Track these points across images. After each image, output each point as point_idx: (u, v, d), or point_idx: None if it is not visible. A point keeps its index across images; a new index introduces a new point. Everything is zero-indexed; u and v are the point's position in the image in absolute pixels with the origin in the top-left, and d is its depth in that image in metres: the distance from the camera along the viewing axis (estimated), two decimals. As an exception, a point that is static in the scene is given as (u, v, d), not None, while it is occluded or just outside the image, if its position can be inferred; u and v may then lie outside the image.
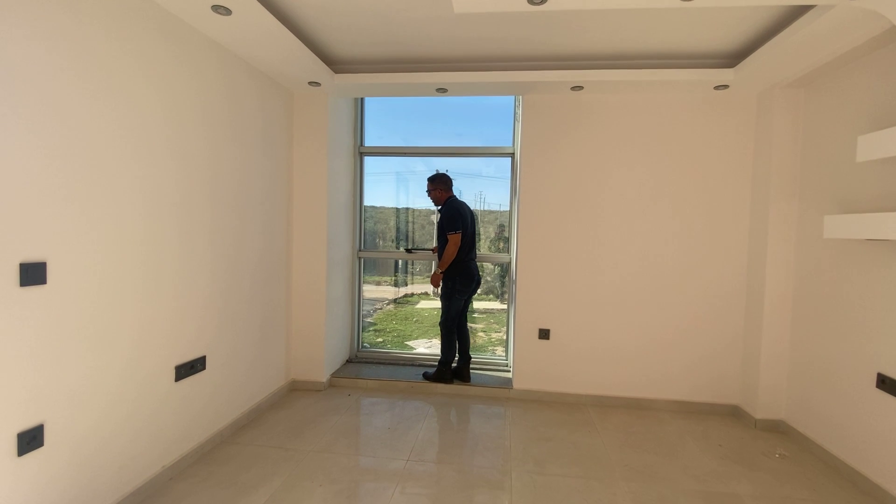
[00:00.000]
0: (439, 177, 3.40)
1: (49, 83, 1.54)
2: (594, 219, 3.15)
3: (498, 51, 2.72)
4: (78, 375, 1.69)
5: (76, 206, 1.65)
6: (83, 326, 1.70)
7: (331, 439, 2.58)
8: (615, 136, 3.11)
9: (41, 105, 1.52)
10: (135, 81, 1.87)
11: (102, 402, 1.79)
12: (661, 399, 3.13)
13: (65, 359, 1.64)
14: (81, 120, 1.65)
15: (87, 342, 1.72)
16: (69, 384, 1.66)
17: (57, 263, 1.59)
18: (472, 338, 4.21)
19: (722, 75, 2.76)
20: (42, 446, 1.57)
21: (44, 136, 1.53)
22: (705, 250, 3.07)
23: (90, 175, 1.69)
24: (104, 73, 1.74)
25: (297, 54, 2.56)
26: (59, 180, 1.59)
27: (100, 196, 1.74)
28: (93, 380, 1.75)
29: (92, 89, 1.69)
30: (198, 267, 2.30)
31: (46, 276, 1.56)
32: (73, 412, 1.67)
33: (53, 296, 1.58)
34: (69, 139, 1.61)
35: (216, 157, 2.41)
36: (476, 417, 2.95)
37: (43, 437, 1.57)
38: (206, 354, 2.39)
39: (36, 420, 1.55)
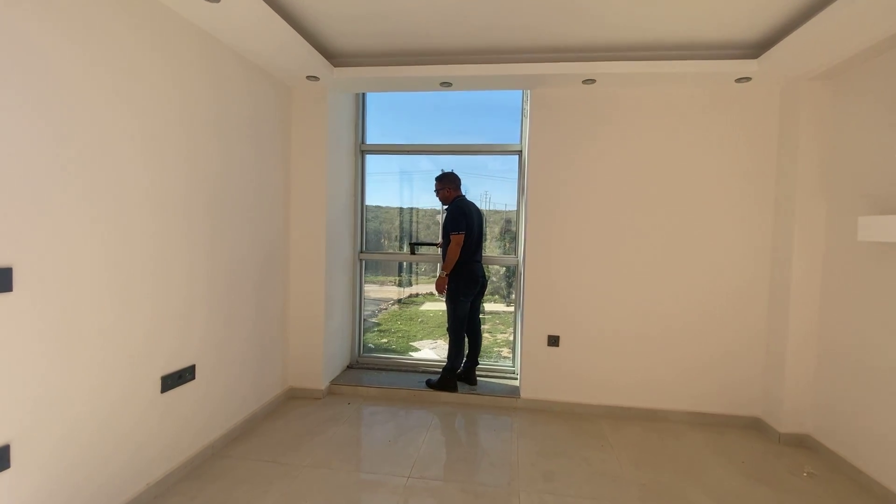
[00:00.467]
0: (447, 176, 3.28)
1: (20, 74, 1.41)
2: (608, 220, 2.98)
3: (505, 41, 2.57)
4: (48, 390, 1.55)
5: (45, 207, 1.52)
6: (54, 337, 1.56)
7: (328, 453, 2.44)
8: (629, 133, 2.95)
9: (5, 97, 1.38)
10: (106, 74, 1.74)
11: (76, 417, 1.66)
12: (677, 410, 2.96)
13: (33, 372, 1.50)
14: (44, 116, 1.52)
15: (59, 354, 1.58)
16: (38, 400, 1.52)
17: (24, 269, 1.46)
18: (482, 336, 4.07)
19: (744, 67, 2.59)
20: (8, 468, 1.44)
21: (4, 133, 1.40)
22: (726, 253, 2.89)
23: (59, 174, 1.56)
24: (64, 64, 1.60)
25: (293, 46, 2.42)
26: (25, 179, 1.45)
27: (73, 196, 1.61)
28: (65, 394, 1.61)
29: (52, 81, 1.56)
30: (184, 271, 2.16)
31: (12, 282, 1.42)
32: (42, 430, 1.54)
33: (20, 304, 1.45)
34: (33, 137, 1.48)
35: (207, 156, 2.27)
36: (482, 429, 2.80)
37: (9, 458, 1.44)
38: (195, 363, 2.26)
39: (1, 440, 1.42)
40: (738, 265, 2.89)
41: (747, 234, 2.87)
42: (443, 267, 3.17)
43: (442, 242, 3.30)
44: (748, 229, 2.87)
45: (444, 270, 3.16)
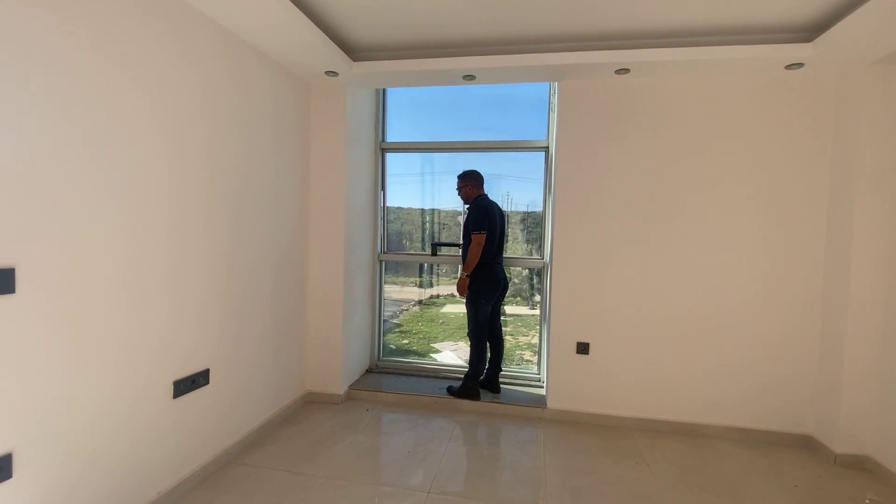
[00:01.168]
0: (469, 173, 3.15)
1: (13, 76, 1.34)
2: (642, 220, 2.78)
3: (531, 30, 2.42)
4: (52, 396, 1.49)
5: (51, 206, 1.45)
6: (59, 340, 1.50)
7: (345, 463, 2.33)
8: (666, 126, 2.74)
9: (4, 99, 1.32)
10: (124, 72, 1.67)
11: (82, 424, 1.59)
12: (719, 425, 2.74)
13: (36, 378, 1.44)
14: (53, 114, 1.45)
15: (64, 358, 1.52)
16: (41, 407, 1.46)
17: (28, 270, 1.39)
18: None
19: (796, 51, 2.36)
20: (10, 478, 1.38)
21: (11, 129, 1.33)
22: (774, 256, 2.66)
23: (67, 171, 1.49)
24: (79, 63, 1.54)
25: (312, 40, 2.33)
26: (31, 177, 1.39)
27: (79, 194, 1.54)
28: (70, 400, 1.54)
29: (63, 79, 1.49)
30: (198, 273, 2.09)
31: (15, 283, 1.36)
32: (47, 438, 1.48)
33: (23, 306, 1.39)
34: (41, 132, 1.41)
35: (224, 155, 2.20)
36: (506, 441, 2.64)
37: (11, 467, 1.38)
38: (209, 367, 2.19)
39: (2, 449, 1.35)
40: (787, 268, 2.65)
41: (797, 236, 2.63)
42: (463, 268, 3.04)
43: (462, 243, 3.16)
44: (798, 230, 2.63)
45: (465, 271, 3.02)
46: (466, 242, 3.04)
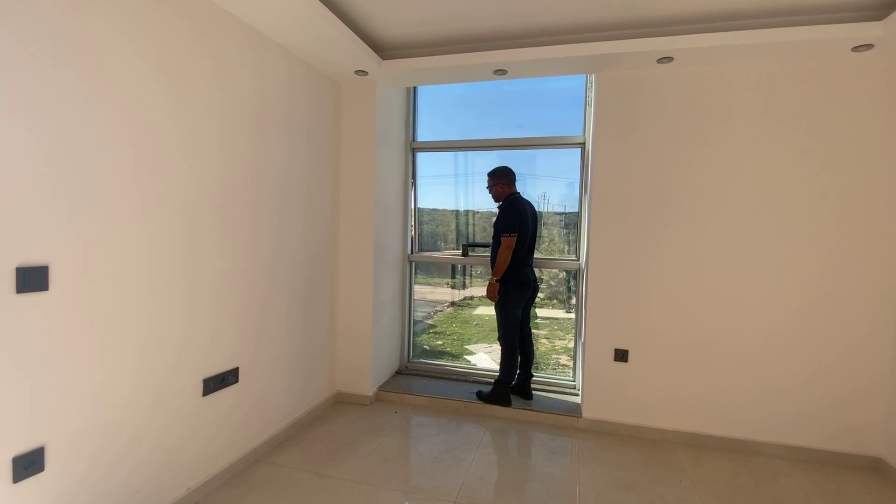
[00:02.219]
0: (500, 170, 3.03)
1: (45, 75, 1.38)
2: (688, 221, 2.59)
3: (565, 19, 2.30)
4: (85, 392, 1.52)
5: (84, 205, 1.48)
6: (91, 337, 1.53)
7: (370, 467, 2.29)
8: (715, 120, 2.54)
9: (39, 98, 1.35)
10: (142, 70, 1.70)
11: (113, 420, 1.62)
12: (773, 443, 2.50)
13: (69, 373, 1.47)
14: (82, 113, 1.48)
15: (96, 355, 1.55)
16: (74, 401, 1.49)
17: (61, 267, 1.43)
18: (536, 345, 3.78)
19: (864, 31, 2.13)
20: (42, 471, 1.41)
21: (46, 129, 1.37)
22: (836, 257, 2.41)
23: (99, 171, 1.52)
24: (104, 61, 1.56)
25: (341, 39, 2.31)
26: (65, 176, 1.42)
27: (110, 193, 1.57)
28: (102, 396, 1.57)
29: (91, 79, 1.52)
30: (230, 271, 2.11)
31: (48, 281, 1.39)
32: (78, 432, 1.51)
33: (56, 303, 1.42)
34: (70, 134, 1.44)
35: (253, 154, 2.21)
36: (538, 450, 2.53)
37: (43, 460, 1.41)
38: (238, 366, 2.20)
39: (35, 442, 1.39)
40: (853, 274, 2.39)
41: (865, 237, 2.36)
42: (493, 272, 2.92)
43: (492, 244, 3.05)
44: (866, 232, 2.36)
45: (495, 276, 2.89)
46: (496, 244, 2.93)
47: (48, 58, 1.37)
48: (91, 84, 1.49)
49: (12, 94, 1.29)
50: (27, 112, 1.32)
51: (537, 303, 4.11)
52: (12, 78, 1.28)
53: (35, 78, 1.34)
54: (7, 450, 1.32)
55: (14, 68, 1.29)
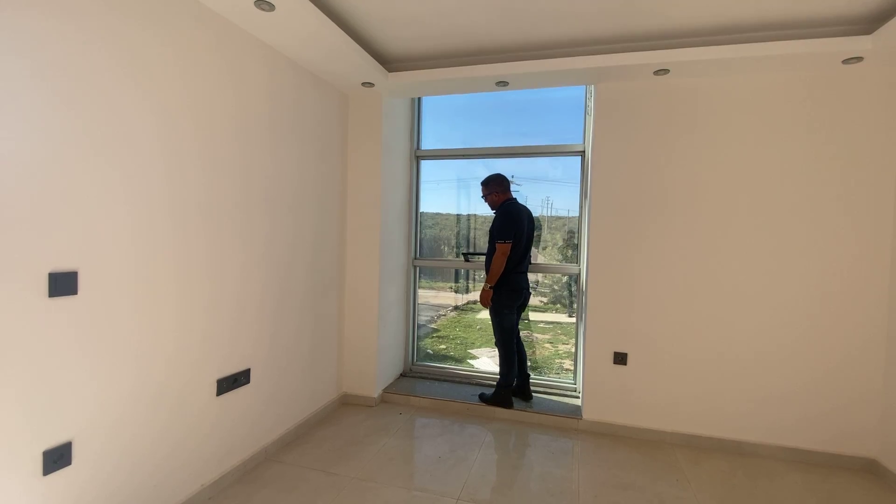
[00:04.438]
0: (493, 179, 3.07)
1: (83, 83, 1.48)
2: (685, 228, 2.67)
3: (566, 33, 2.39)
4: (111, 391, 1.61)
5: (111, 212, 1.58)
6: (116, 339, 1.62)
7: (376, 466, 2.37)
8: (711, 130, 2.62)
9: (70, 105, 1.45)
10: (174, 83, 1.80)
11: (136, 418, 1.71)
12: (769, 444, 2.56)
13: (96, 373, 1.56)
14: (114, 120, 1.58)
15: (121, 355, 1.64)
16: (101, 400, 1.58)
17: (89, 273, 1.52)
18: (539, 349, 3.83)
19: (854, 44, 2.20)
20: (70, 465, 1.50)
21: (76, 138, 1.47)
22: (832, 263, 2.47)
23: (124, 180, 1.62)
24: (143, 75, 1.67)
25: (348, 52, 2.41)
26: (92, 184, 1.52)
27: (138, 201, 1.67)
28: (126, 395, 1.67)
29: (130, 91, 1.62)
30: (246, 276, 2.20)
31: (77, 286, 1.49)
32: (104, 429, 1.60)
33: (84, 307, 1.51)
34: (102, 142, 1.54)
35: (266, 164, 2.31)
36: (539, 451, 2.59)
37: (71, 455, 1.50)
38: (250, 367, 2.29)
39: (64, 437, 1.48)
40: (845, 276, 2.45)
41: (859, 243, 2.43)
42: (486, 279, 2.97)
43: (487, 250, 3.08)
44: (862, 239, 2.43)
45: (489, 282, 2.96)
46: (491, 249, 2.98)
47: (86, 65, 1.47)
48: (126, 94, 1.59)
49: (52, 102, 1.39)
50: (62, 120, 1.42)
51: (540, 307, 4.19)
52: (53, 85, 1.39)
53: (70, 87, 1.44)
54: (38, 444, 1.41)
55: (57, 78, 1.39)
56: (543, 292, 4.39)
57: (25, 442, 1.38)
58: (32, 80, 1.35)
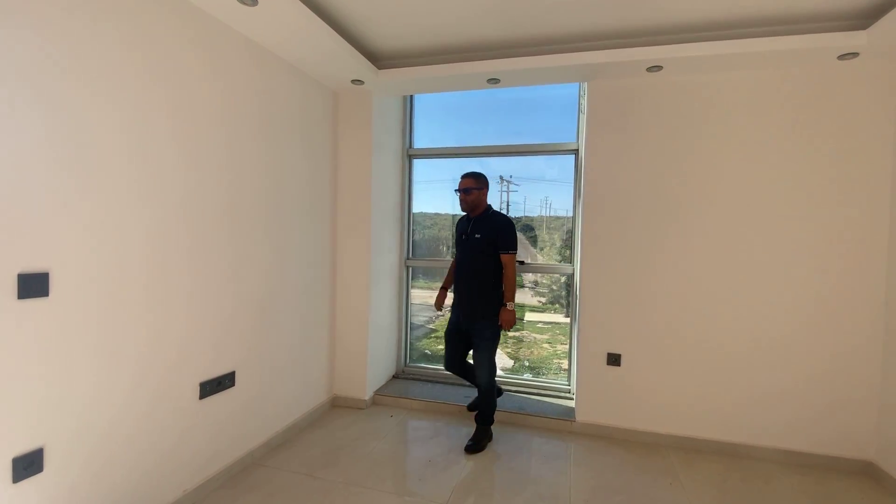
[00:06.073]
0: (482, 176, 2.62)
1: (50, 81, 1.43)
2: (680, 226, 2.63)
3: (557, 29, 2.35)
4: (83, 394, 1.56)
5: (84, 212, 1.53)
6: (90, 342, 1.57)
7: (365, 470, 2.32)
8: (705, 127, 2.58)
9: (40, 104, 1.41)
10: (148, 80, 1.75)
11: (113, 422, 1.66)
12: (765, 446, 2.52)
13: (68, 377, 1.51)
14: (84, 120, 1.54)
15: (95, 359, 1.59)
16: (73, 404, 1.53)
17: (61, 274, 1.48)
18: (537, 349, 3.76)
19: (849, 40, 2.17)
20: (41, 472, 1.45)
21: (44, 136, 1.42)
22: (828, 261, 2.43)
23: (97, 178, 1.57)
24: (114, 72, 1.62)
25: (334, 48, 2.37)
26: (63, 184, 1.47)
27: (113, 201, 1.62)
28: (100, 399, 1.62)
29: (101, 89, 1.58)
30: (226, 277, 2.15)
31: (49, 287, 1.44)
32: (77, 434, 1.55)
33: (56, 308, 1.47)
34: (72, 140, 1.50)
35: (252, 162, 2.27)
36: (531, 454, 2.55)
37: (42, 461, 1.45)
38: (235, 370, 2.24)
39: (34, 444, 1.43)
40: (842, 275, 2.41)
41: (855, 240, 2.39)
42: (506, 297, 2.52)
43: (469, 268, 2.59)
44: (856, 235, 2.39)
45: (510, 301, 2.51)
46: (482, 261, 2.55)
47: (57, 67, 1.42)
48: (95, 94, 1.54)
49: (17, 101, 1.34)
50: (31, 119, 1.38)
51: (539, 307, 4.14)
52: (18, 85, 1.34)
53: (41, 84, 1.39)
54: (7, 451, 1.37)
55: (23, 79, 1.34)
56: (542, 292, 4.36)
57: (-7, 449, 1.34)
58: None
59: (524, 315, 4.16)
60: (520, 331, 4.36)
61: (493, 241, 2.53)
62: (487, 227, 2.57)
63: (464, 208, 2.64)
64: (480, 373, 2.57)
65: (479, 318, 2.56)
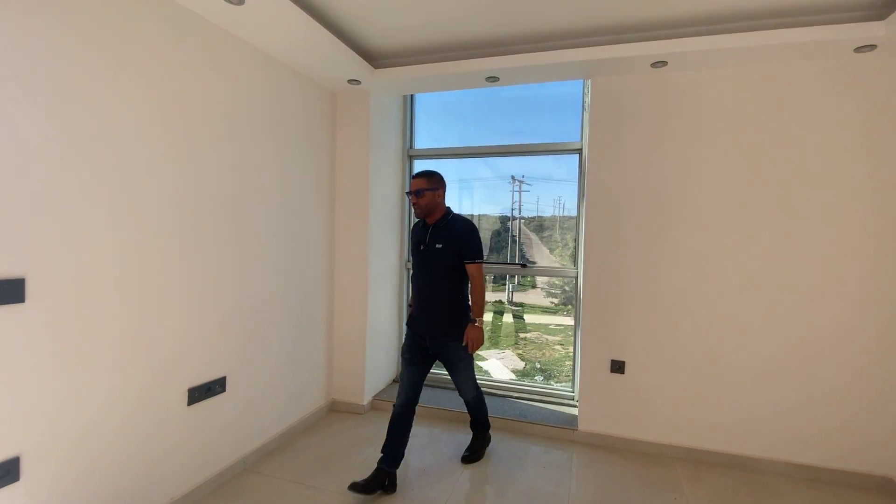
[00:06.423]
0: (435, 174, 2.27)
1: (32, 84, 1.40)
2: (686, 229, 2.51)
3: (558, 24, 2.27)
4: (61, 401, 1.53)
5: (65, 216, 1.50)
6: (70, 347, 1.54)
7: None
8: (713, 125, 2.47)
9: (15, 100, 1.37)
10: (132, 80, 1.72)
11: (90, 430, 1.63)
12: (776, 460, 2.40)
13: (46, 383, 1.48)
14: (68, 118, 1.51)
15: (74, 365, 1.56)
16: (51, 411, 1.50)
17: (39, 279, 1.45)
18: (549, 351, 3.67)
19: (866, 31, 2.04)
20: (17, 481, 1.42)
21: (21, 135, 1.39)
22: (844, 266, 2.31)
23: (77, 180, 1.54)
24: (97, 71, 1.59)
25: (325, 47, 2.32)
26: (43, 187, 1.44)
27: (92, 203, 1.59)
28: (78, 405, 1.58)
29: (84, 88, 1.55)
30: (217, 280, 2.12)
31: (25, 293, 1.41)
32: (55, 442, 1.52)
33: (33, 314, 1.44)
34: (52, 139, 1.47)
35: (246, 163, 2.23)
36: (530, 463, 2.47)
37: (18, 470, 1.42)
38: (226, 375, 2.21)
39: (10, 452, 1.40)
40: (858, 278, 2.28)
41: (873, 243, 2.26)
42: (473, 312, 2.26)
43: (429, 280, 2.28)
44: (876, 239, 2.26)
45: (478, 317, 2.25)
46: (443, 275, 2.24)
47: (34, 65, 1.39)
48: (78, 95, 1.51)
49: (-12, 109, 1.31)
50: (14, 120, 1.35)
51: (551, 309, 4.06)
52: None
53: (24, 87, 1.36)
54: (-19, 460, 1.34)
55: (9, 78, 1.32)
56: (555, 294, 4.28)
57: (-34, 458, 1.31)
58: (-30, 75, 1.28)
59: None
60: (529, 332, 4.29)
61: (456, 251, 2.21)
62: (448, 234, 2.23)
63: (417, 214, 2.26)
64: (466, 389, 2.39)
65: (453, 337, 2.25)
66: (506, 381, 3.42)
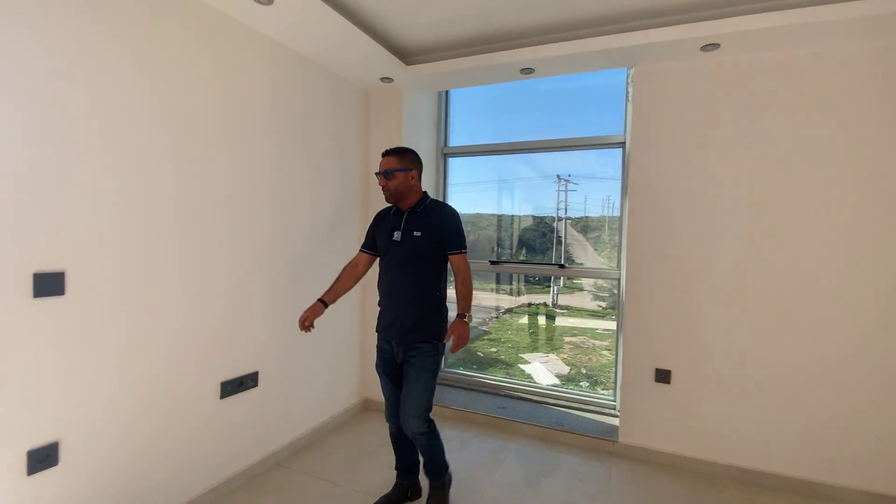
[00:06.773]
0: (408, 152, 1.98)
1: (62, 82, 1.47)
2: (738, 229, 2.29)
3: (595, 9, 2.13)
4: (100, 391, 1.60)
5: (103, 211, 1.57)
6: (107, 339, 1.61)
7: (385, 480, 2.23)
8: (768, 115, 2.23)
9: (54, 101, 1.44)
10: (162, 79, 1.78)
11: (129, 420, 1.70)
12: (848, 487, 2.12)
13: (85, 373, 1.55)
14: (111, 115, 1.57)
15: (112, 356, 1.63)
16: (90, 400, 1.57)
17: (78, 273, 1.52)
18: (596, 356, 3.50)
19: (965, -3, 1.76)
20: (56, 465, 1.50)
21: (64, 133, 1.46)
22: (932, 270, 2.00)
23: (117, 178, 1.60)
24: (130, 71, 1.65)
25: (355, 43, 2.31)
26: (82, 183, 1.51)
27: (130, 200, 1.65)
28: (118, 396, 1.65)
29: (118, 89, 1.61)
30: (252, 276, 2.16)
31: (65, 286, 1.48)
32: (93, 430, 1.59)
33: (73, 307, 1.51)
34: (91, 140, 1.53)
35: (277, 160, 2.26)
36: (564, 475, 2.33)
37: (57, 455, 1.50)
38: (258, 370, 2.25)
39: (50, 437, 1.48)
40: (956, 288, 1.97)
41: (973, 243, 1.95)
42: (462, 307, 1.88)
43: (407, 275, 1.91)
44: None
45: (466, 311, 1.87)
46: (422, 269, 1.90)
47: (71, 65, 1.46)
48: (107, 93, 1.58)
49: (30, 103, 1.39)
50: (45, 123, 1.42)
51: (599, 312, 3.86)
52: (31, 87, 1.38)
53: (55, 87, 1.43)
54: (21, 444, 1.41)
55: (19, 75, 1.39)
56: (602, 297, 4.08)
57: (9, 442, 1.39)
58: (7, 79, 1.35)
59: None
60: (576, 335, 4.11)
61: (438, 241, 1.90)
62: (428, 222, 1.92)
63: (388, 198, 1.95)
64: (414, 408, 1.88)
65: (421, 339, 1.89)
66: (543, 388, 3.28)
